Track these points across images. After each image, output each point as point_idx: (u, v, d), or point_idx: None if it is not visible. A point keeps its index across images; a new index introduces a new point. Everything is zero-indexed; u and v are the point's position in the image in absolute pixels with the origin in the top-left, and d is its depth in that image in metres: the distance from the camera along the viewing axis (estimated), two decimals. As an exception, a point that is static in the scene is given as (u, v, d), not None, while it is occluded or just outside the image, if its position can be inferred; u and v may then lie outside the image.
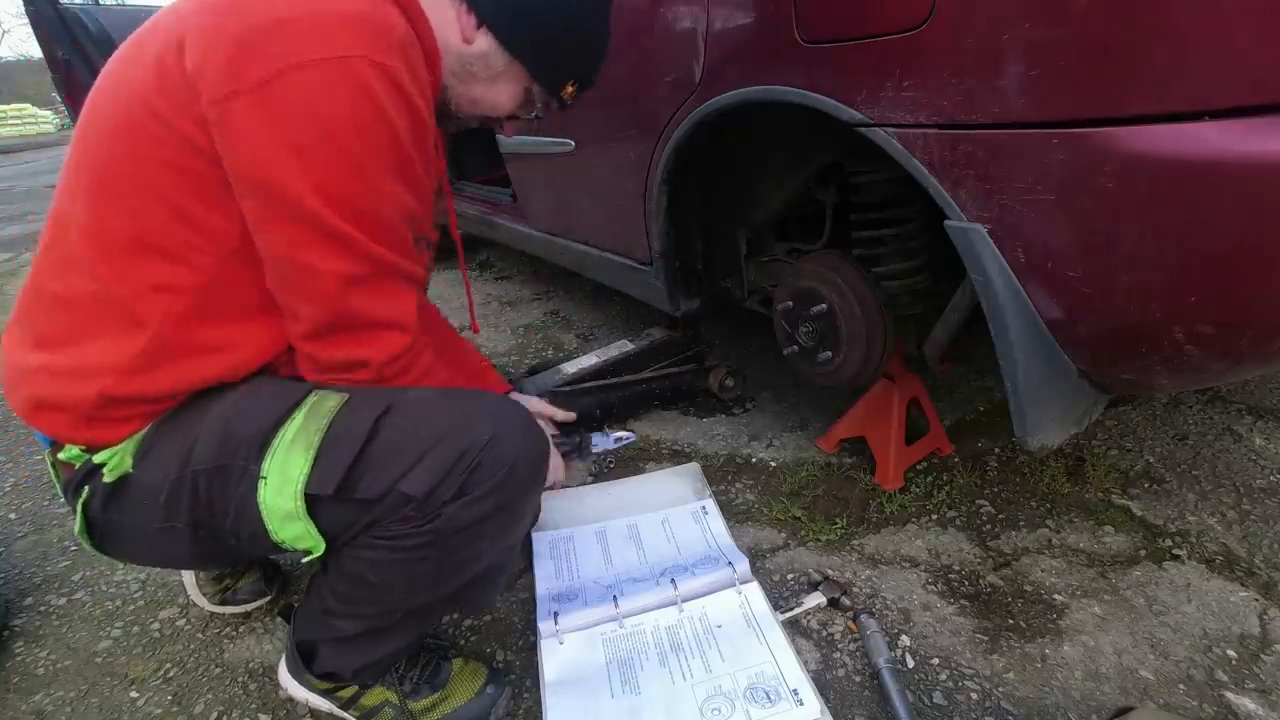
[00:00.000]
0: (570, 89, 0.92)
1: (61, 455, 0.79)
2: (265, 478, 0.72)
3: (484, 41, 0.84)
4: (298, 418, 0.74)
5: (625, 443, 1.31)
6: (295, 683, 0.95)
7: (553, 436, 1.18)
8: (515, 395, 1.20)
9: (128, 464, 0.76)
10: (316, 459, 0.72)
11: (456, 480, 0.73)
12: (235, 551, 0.81)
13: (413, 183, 0.76)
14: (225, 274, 0.74)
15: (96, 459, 0.76)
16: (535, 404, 1.24)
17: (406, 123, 0.71)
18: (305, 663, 0.92)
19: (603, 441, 1.29)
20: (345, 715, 0.95)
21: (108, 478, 0.76)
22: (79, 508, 0.78)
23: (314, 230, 0.70)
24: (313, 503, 0.72)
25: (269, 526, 0.73)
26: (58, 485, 0.83)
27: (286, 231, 0.70)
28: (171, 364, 0.75)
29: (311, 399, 0.76)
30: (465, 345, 1.19)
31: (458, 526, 0.75)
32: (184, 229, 0.72)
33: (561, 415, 1.25)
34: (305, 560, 0.76)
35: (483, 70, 0.87)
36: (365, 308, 0.76)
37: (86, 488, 0.78)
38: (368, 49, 0.67)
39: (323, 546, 0.74)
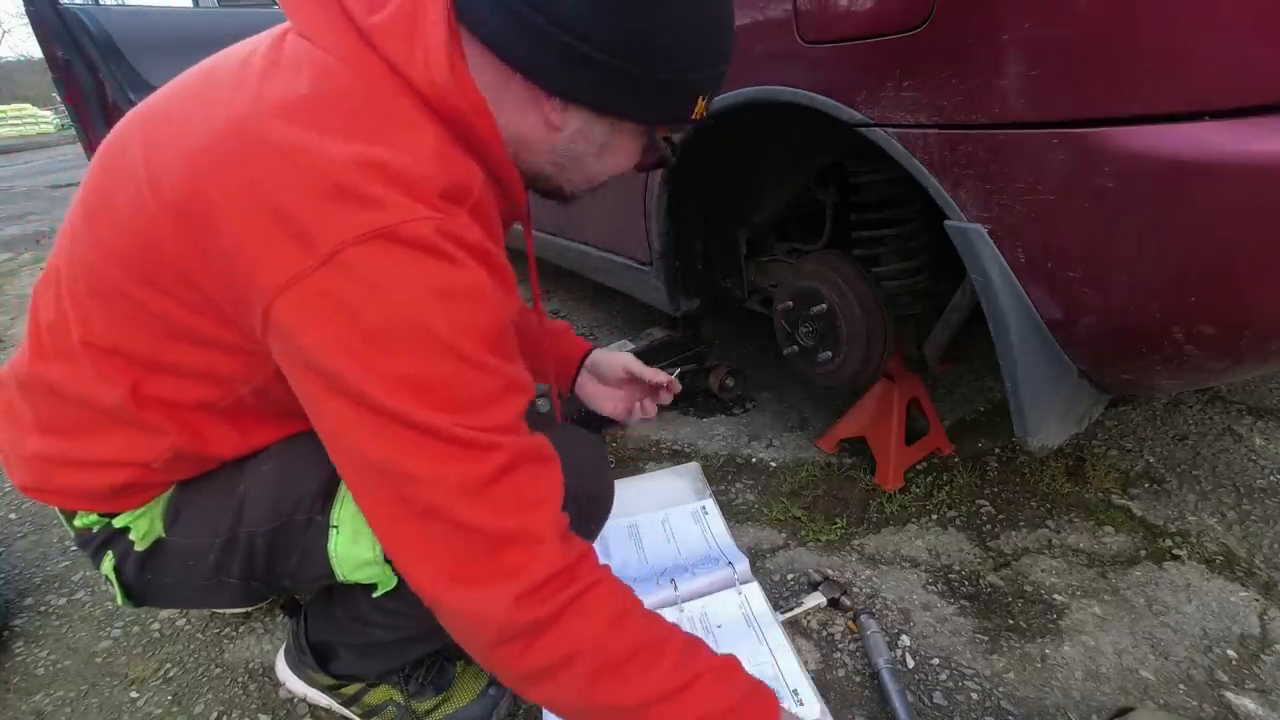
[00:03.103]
0: (701, 103, 0.69)
1: (76, 522, 0.74)
2: (337, 527, 0.70)
3: (573, 118, 0.66)
4: None
5: (683, 370, 1.27)
6: (294, 677, 0.95)
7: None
8: (599, 351, 1.12)
9: (159, 528, 0.73)
10: None
11: None
12: (287, 589, 0.80)
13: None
14: (246, 402, 0.68)
15: (117, 523, 0.73)
16: (620, 358, 1.11)
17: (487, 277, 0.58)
18: (320, 662, 0.91)
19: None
20: (347, 712, 0.95)
21: (140, 546, 0.73)
22: (113, 574, 0.75)
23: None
24: None
25: (338, 571, 0.72)
26: (72, 534, 0.77)
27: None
28: (194, 463, 0.71)
29: None
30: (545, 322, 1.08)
31: None
32: (200, 361, 0.64)
33: (650, 375, 1.10)
34: (375, 595, 0.74)
35: (586, 147, 0.70)
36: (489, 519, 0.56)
37: (111, 553, 0.74)
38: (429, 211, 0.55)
39: (394, 582, 0.72)
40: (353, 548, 0.70)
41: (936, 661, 1.02)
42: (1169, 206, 0.71)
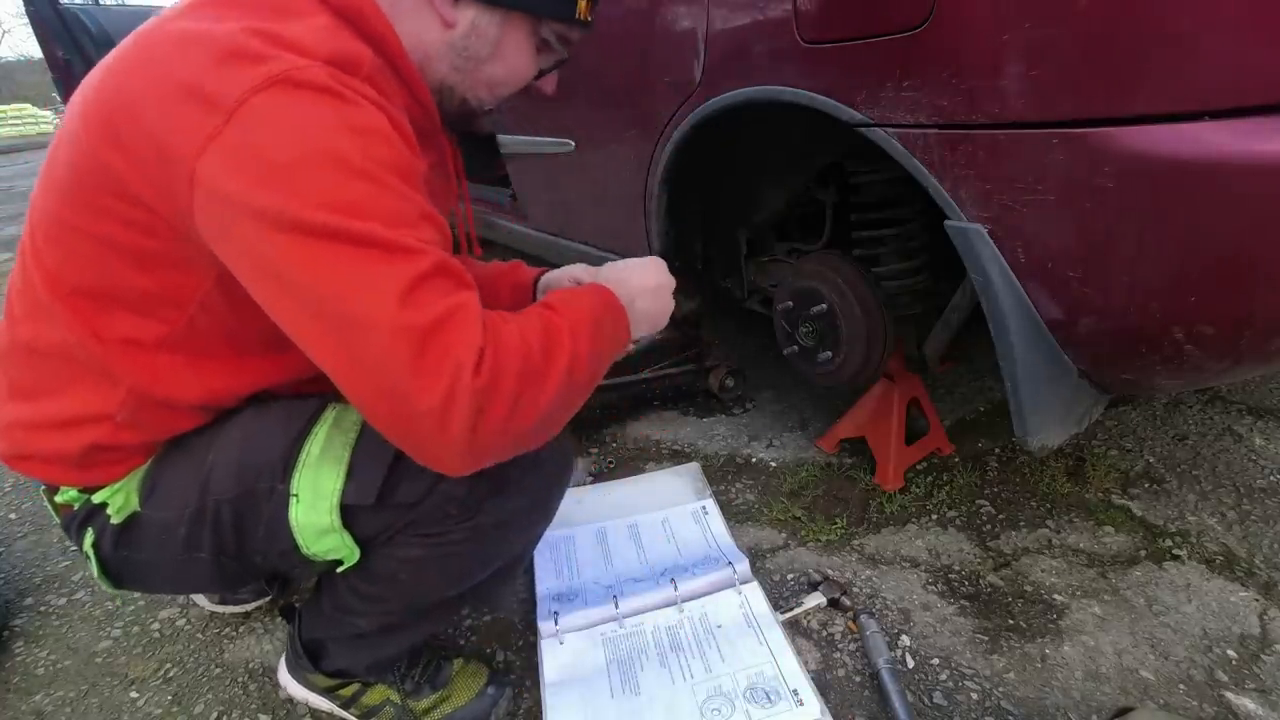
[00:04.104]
0: (583, 3, 0.77)
1: (58, 498, 0.76)
2: (296, 495, 0.71)
3: (465, 12, 0.72)
4: (319, 433, 0.73)
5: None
6: (295, 682, 0.95)
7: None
8: (551, 271, 1.03)
9: (134, 503, 0.74)
10: (350, 471, 0.71)
11: (495, 476, 0.70)
12: (260, 570, 0.80)
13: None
14: (197, 326, 0.68)
15: (96, 499, 0.74)
16: (570, 270, 1.02)
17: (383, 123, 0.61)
18: (313, 661, 0.92)
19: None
20: (346, 715, 0.95)
21: (115, 519, 0.74)
22: (91, 551, 0.76)
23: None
24: (348, 514, 0.71)
25: (300, 543, 0.73)
26: (58, 522, 0.80)
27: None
28: (155, 413, 0.72)
29: (330, 413, 0.75)
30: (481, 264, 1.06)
31: (496, 520, 0.76)
32: (148, 284, 0.65)
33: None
34: (339, 570, 0.76)
35: (481, 45, 0.75)
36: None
37: (90, 529, 0.76)
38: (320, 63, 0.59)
39: (357, 556, 0.74)
40: (311, 514, 0.71)
41: (936, 661, 1.02)
42: (1169, 206, 0.71)
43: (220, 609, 1.17)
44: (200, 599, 1.16)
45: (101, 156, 0.60)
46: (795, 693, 0.93)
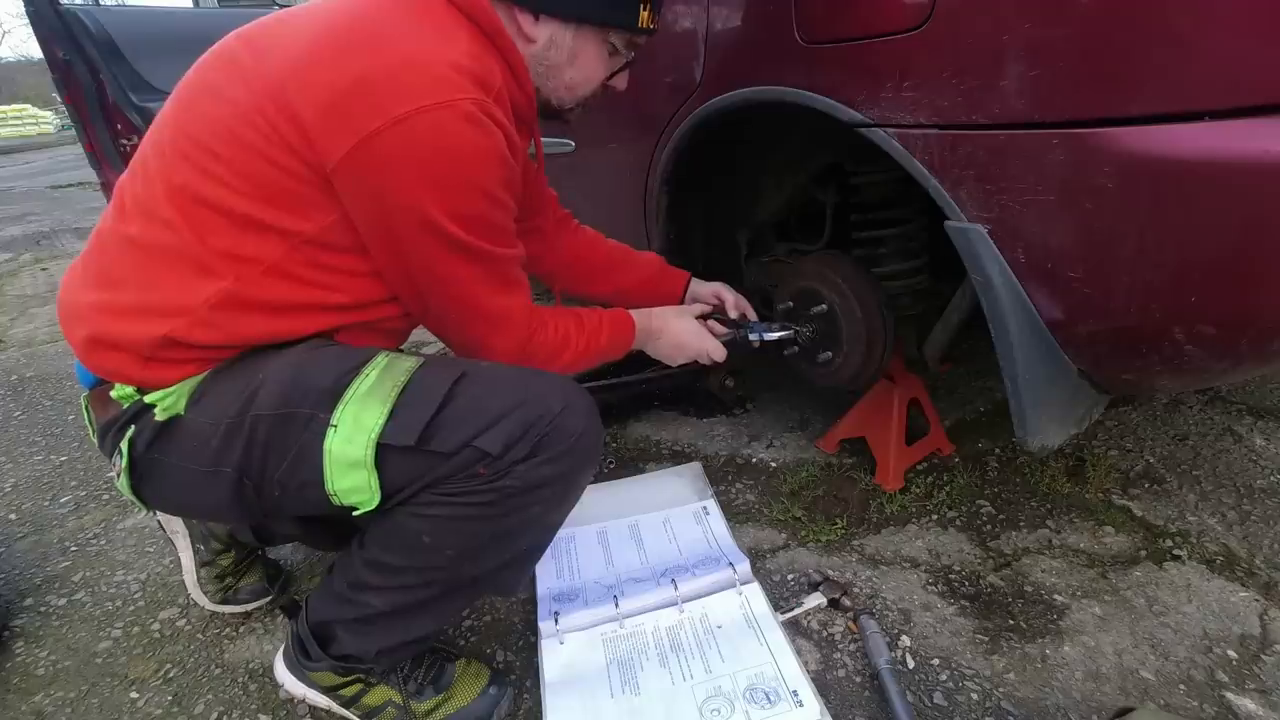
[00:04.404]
0: (645, 13, 0.90)
1: (113, 393, 0.80)
2: (335, 425, 0.74)
3: (544, 28, 0.87)
4: (371, 374, 0.77)
5: (783, 336, 1.29)
6: (293, 679, 0.94)
7: (714, 320, 1.25)
8: (696, 283, 1.32)
9: (181, 405, 0.78)
10: (394, 412, 0.74)
11: (530, 442, 0.76)
12: (275, 504, 0.80)
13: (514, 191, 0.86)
14: (301, 254, 0.78)
15: (148, 399, 0.78)
16: (711, 286, 1.32)
17: (503, 144, 0.79)
18: (321, 646, 0.90)
19: (760, 331, 1.26)
20: (347, 713, 0.95)
21: (159, 416, 0.78)
22: (125, 446, 0.79)
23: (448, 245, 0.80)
24: (381, 454, 0.73)
25: (327, 474, 0.74)
26: (92, 429, 0.85)
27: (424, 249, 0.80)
28: (238, 317, 0.78)
29: (384, 358, 0.79)
30: (631, 253, 1.33)
31: (523, 487, 0.77)
32: (273, 213, 0.76)
33: (733, 302, 1.30)
34: (355, 515, 0.77)
35: (559, 55, 0.90)
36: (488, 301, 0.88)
37: (133, 427, 0.79)
38: (467, 93, 0.75)
39: (377, 501, 0.75)
40: (347, 446, 0.73)
41: (937, 662, 1.02)
42: (1169, 207, 0.71)
43: (221, 608, 1.17)
44: (201, 598, 1.16)
45: (267, 110, 0.73)
46: (795, 693, 0.93)
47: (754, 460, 1.56)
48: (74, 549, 1.39)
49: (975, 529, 1.29)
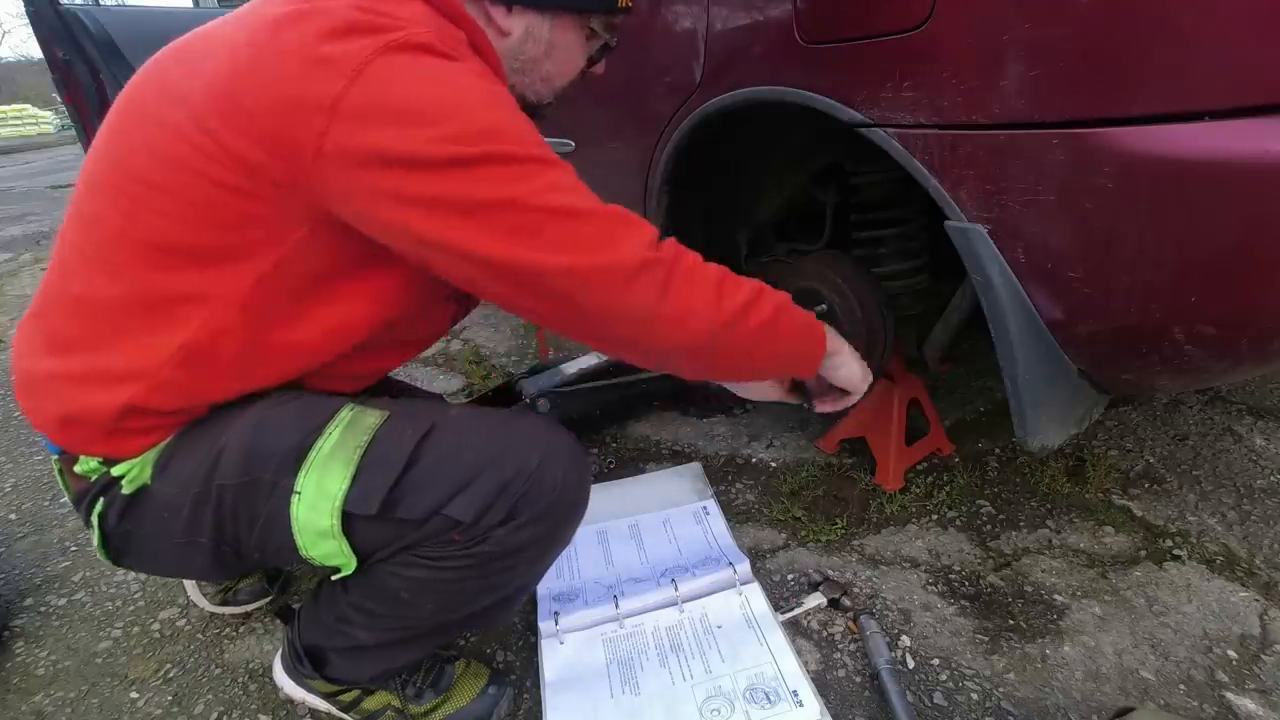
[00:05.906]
0: None
1: (77, 468, 0.76)
2: (299, 493, 0.70)
3: (519, 20, 0.81)
4: (333, 433, 0.72)
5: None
6: (292, 683, 0.94)
7: None
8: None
9: (147, 475, 0.74)
10: (356, 476, 0.70)
11: (507, 504, 0.72)
12: (258, 564, 0.80)
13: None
14: (262, 292, 0.70)
15: (114, 471, 0.74)
16: None
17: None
18: (316, 667, 0.90)
19: None
20: (346, 717, 0.95)
21: (126, 489, 0.74)
22: (97, 520, 0.76)
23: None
24: (349, 521, 0.70)
25: (299, 543, 0.72)
26: (68, 495, 0.81)
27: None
28: (199, 375, 0.72)
29: (347, 413, 0.74)
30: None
31: (502, 552, 0.74)
32: (229, 241, 0.68)
33: None
34: (334, 579, 0.75)
35: (535, 47, 0.83)
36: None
37: (102, 499, 0.76)
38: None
39: (354, 565, 0.73)
40: (313, 514, 0.70)
41: (937, 662, 1.02)
42: (1169, 207, 0.71)
43: (220, 610, 1.17)
44: (200, 600, 1.16)
45: (209, 125, 0.64)
46: (795, 693, 0.93)
47: (754, 460, 1.56)
48: (74, 549, 1.39)
49: (975, 529, 1.29)
